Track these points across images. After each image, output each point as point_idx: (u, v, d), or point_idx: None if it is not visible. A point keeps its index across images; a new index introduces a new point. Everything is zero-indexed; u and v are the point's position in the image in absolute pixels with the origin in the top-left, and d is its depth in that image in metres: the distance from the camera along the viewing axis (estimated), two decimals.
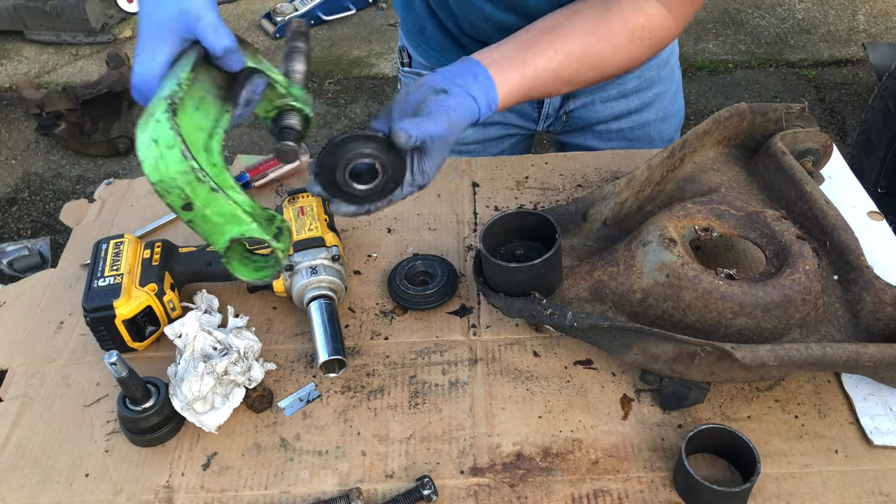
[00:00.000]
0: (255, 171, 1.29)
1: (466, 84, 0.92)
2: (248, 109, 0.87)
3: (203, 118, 0.79)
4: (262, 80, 0.85)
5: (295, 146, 0.86)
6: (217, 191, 0.73)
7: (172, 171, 0.72)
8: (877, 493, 0.86)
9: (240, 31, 4.04)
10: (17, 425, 0.98)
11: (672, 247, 0.94)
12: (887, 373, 0.90)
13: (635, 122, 1.40)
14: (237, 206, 0.75)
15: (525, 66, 0.96)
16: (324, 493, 0.89)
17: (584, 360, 1.02)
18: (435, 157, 0.90)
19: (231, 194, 0.75)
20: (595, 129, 1.42)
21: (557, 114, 1.40)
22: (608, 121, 1.40)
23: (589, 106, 1.38)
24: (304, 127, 0.90)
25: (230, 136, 3.40)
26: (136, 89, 0.80)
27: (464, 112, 0.91)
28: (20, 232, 3.02)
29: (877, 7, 3.98)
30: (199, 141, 0.77)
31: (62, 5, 3.83)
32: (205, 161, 0.75)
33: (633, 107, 1.38)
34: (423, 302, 1.08)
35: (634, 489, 0.88)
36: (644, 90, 1.37)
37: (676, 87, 1.44)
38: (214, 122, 0.79)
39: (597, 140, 1.42)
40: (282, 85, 0.88)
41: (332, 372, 1.01)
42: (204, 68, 0.82)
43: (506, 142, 1.47)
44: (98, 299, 1.00)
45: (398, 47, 1.44)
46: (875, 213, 1.19)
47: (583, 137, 1.44)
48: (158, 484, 0.91)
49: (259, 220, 0.77)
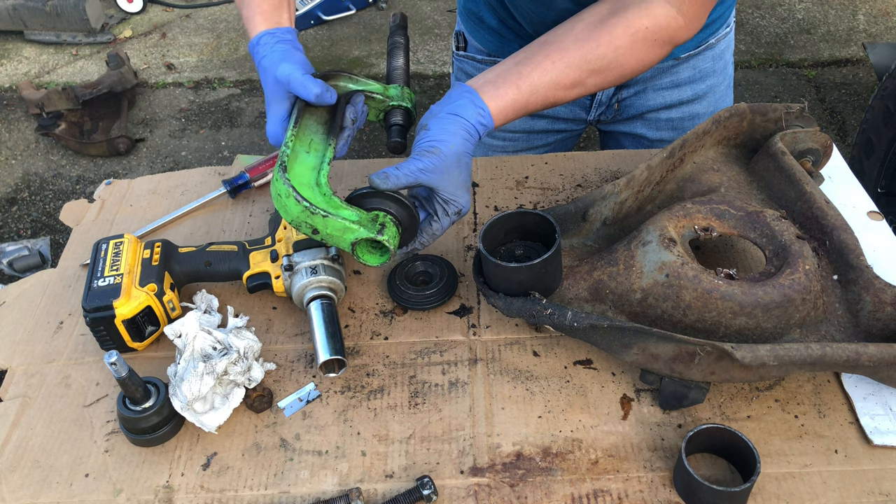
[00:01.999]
0: (255, 170, 1.29)
1: (455, 109, 0.98)
2: (359, 123, 1.05)
3: (313, 158, 0.98)
4: (359, 99, 1.05)
5: (402, 140, 1.06)
6: (328, 215, 0.92)
7: (294, 213, 0.92)
8: (877, 493, 0.86)
9: (240, 30, 4.05)
10: (16, 425, 0.98)
11: (672, 246, 0.94)
12: (887, 372, 0.90)
13: (685, 112, 1.41)
14: (346, 221, 0.93)
15: (520, 80, 1.01)
16: (324, 493, 0.89)
17: (583, 359, 1.02)
18: (446, 185, 0.97)
19: (340, 213, 0.93)
20: (645, 118, 1.43)
21: (610, 101, 1.42)
22: (659, 109, 1.41)
23: (641, 94, 1.40)
24: (408, 120, 1.08)
25: (230, 136, 3.40)
26: (270, 139, 1.04)
27: (452, 136, 0.96)
28: (20, 232, 3.02)
29: (877, 7, 3.98)
30: (312, 178, 0.96)
31: (62, 5, 3.83)
32: (316, 194, 0.94)
33: (686, 97, 1.39)
34: (423, 302, 1.08)
35: (634, 489, 0.88)
36: (697, 81, 1.38)
37: (728, 82, 1.45)
38: (321, 158, 0.99)
39: (646, 128, 1.43)
40: (378, 92, 1.07)
41: (331, 372, 1.01)
42: (309, 112, 1.03)
43: (552, 137, 1.50)
44: (98, 299, 1.00)
45: (454, 32, 1.48)
46: (875, 213, 1.19)
47: (632, 125, 1.45)
48: (158, 484, 0.91)
49: (365, 224, 0.94)
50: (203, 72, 3.79)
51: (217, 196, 1.28)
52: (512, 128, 1.46)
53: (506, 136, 1.49)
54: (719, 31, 1.35)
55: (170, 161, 3.30)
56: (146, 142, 3.41)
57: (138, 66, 3.80)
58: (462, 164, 0.98)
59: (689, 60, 1.35)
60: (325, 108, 1.05)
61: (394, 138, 1.06)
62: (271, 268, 1.08)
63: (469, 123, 0.98)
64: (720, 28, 1.35)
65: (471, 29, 1.41)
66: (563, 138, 1.51)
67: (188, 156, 3.33)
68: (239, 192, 1.29)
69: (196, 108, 3.58)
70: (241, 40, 3.99)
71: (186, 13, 4.21)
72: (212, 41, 4.00)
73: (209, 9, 4.23)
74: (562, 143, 1.53)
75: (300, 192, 0.92)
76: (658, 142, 1.44)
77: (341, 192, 1.30)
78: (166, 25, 4.13)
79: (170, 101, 3.63)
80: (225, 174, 1.34)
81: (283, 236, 1.10)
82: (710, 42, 1.35)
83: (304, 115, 1.02)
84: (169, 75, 3.77)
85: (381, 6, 4.21)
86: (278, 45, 1.03)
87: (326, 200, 0.94)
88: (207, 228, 1.25)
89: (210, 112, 3.55)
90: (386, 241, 0.93)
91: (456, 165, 0.97)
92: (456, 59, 1.49)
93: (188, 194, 1.32)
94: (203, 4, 4.24)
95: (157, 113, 3.57)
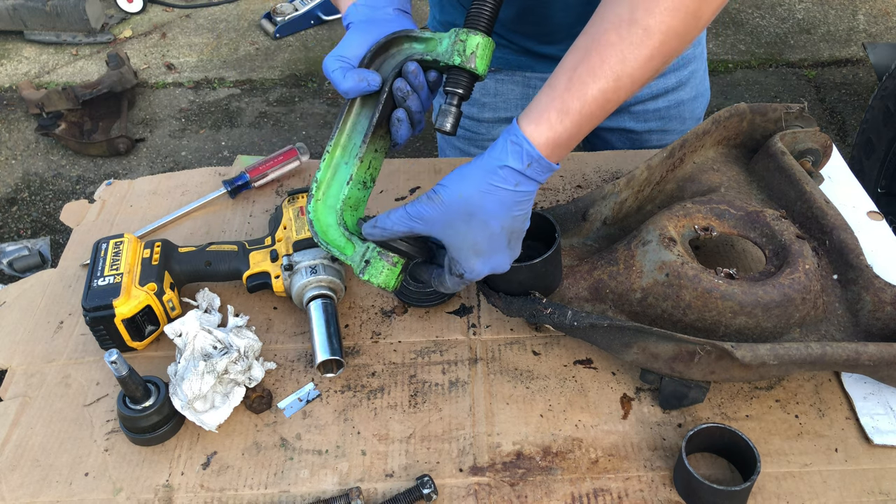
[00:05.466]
0: (255, 171, 1.29)
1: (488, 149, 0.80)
2: (423, 94, 0.86)
3: (344, 172, 0.90)
4: (411, 66, 0.85)
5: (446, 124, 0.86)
6: (329, 246, 0.90)
7: None
8: (876, 493, 0.86)
9: (240, 30, 4.05)
10: (16, 425, 0.98)
11: (672, 246, 0.94)
12: (887, 372, 0.90)
13: (671, 100, 1.41)
14: (341, 254, 0.90)
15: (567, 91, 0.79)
16: (324, 493, 0.89)
17: (584, 359, 1.02)
18: (451, 240, 0.81)
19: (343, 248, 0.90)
20: (632, 111, 1.42)
21: None
22: (646, 100, 1.40)
23: None
24: (462, 85, 0.85)
25: (230, 136, 3.40)
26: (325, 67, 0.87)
27: (463, 182, 0.78)
28: (20, 232, 3.02)
29: (877, 7, 3.98)
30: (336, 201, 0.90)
31: (62, 5, 3.83)
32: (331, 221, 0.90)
33: (671, 85, 1.39)
34: (424, 300, 1.08)
35: (634, 488, 0.88)
36: (680, 68, 1.38)
37: (705, 67, 1.45)
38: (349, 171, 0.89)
39: (633, 121, 1.43)
40: (425, 52, 0.85)
41: (330, 372, 1.01)
42: (362, 102, 0.90)
43: None
44: (98, 299, 1.00)
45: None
46: (875, 212, 1.19)
47: (620, 120, 1.44)
48: (158, 483, 0.91)
49: (355, 259, 0.89)
50: (203, 72, 3.78)
51: (217, 196, 1.28)
52: None
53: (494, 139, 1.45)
54: None
55: (170, 161, 3.30)
56: (146, 142, 3.41)
57: (138, 66, 3.80)
58: (475, 220, 0.78)
59: None
60: (375, 94, 0.88)
61: (438, 122, 0.84)
62: (271, 267, 1.08)
63: (498, 163, 0.77)
64: None
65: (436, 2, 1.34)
66: None
67: (188, 156, 3.33)
68: (239, 192, 1.29)
69: (196, 108, 3.58)
70: (241, 40, 3.99)
71: (186, 13, 4.21)
72: (212, 41, 4.00)
73: (209, 9, 4.23)
74: None
75: (316, 221, 0.89)
76: (646, 133, 1.43)
77: None
78: (166, 25, 4.13)
79: (170, 101, 3.63)
80: (225, 174, 1.34)
81: (283, 236, 1.10)
82: None
83: (352, 109, 0.90)
84: (169, 75, 3.77)
85: None
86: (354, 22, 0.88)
87: (337, 232, 0.89)
88: (207, 228, 1.25)
89: (210, 112, 3.55)
90: (366, 279, 0.87)
91: (464, 219, 0.78)
92: None
93: (188, 194, 1.32)
94: (203, 4, 4.24)
95: (157, 113, 3.57)
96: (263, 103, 3.58)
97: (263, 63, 3.83)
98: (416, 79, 0.85)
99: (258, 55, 3.88)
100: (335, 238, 0.89)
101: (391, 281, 0.87)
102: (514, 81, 1.35)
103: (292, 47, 3.92)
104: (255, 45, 3.95)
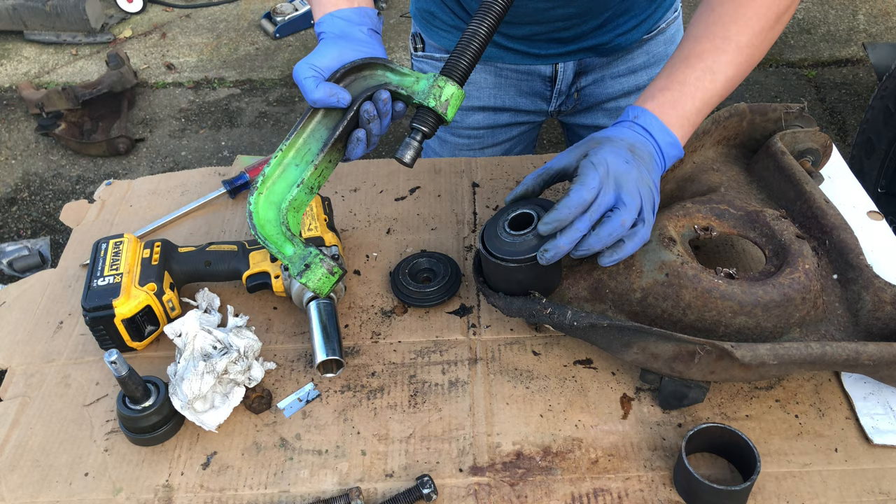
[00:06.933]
0: (254, 171, 1.29)
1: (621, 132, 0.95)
2: (385, 120, 0.93)
3: (294, 174, 0.93)
4: (383, 94, 0.91)
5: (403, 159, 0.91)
6: (267, 244, 0.92)
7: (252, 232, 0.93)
8: (876, 493, 0.86)
9: (240, 30, 4.05)
10: (16, 425, 0.98)
11: (671, 246, 0.94)
12: (887, 371, 0.90)
13: None
14: (281, 254, 0.92)
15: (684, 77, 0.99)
16: (323, 493, 0.89)
17: (583, 359, 1.02)
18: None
19: (281, 247, 0.92)
20: (605, 108, 1.43)
21: (569, 91, 1.42)
22: (618, 97, 1.42)
23: (600, 82, 1.40)
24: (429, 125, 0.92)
25: (230, 136, 3.40)
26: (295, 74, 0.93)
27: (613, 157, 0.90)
28: (20, 232, 3.02)
29: (877, 7, 3.98)
30: (281, 199, 0.93)
31: (62, 5, 3.83)
32: (272, 218, 0.92)
33: (642, 82, 1.40)
34: (424, 299, 1.08)
35: (634, 488, 0.88)
36: (652, 66, 1.39)
37: None
38: (300, 174, 0.93)
39: (607, 118, 1.44)
40: (404, 86, 0.92)
41: (329, 372, 1.01)
42: (324, 113, 0.94)
43: (515, 130, 1.49)
44: (97, 299, 1.00)
45: (411, 34, 1.47)
46: (875, 212, 1.19)
47: (593, 117, 1.45)
48: (158, 483, 0.91)
49: (294, 262, 0.91)
50: (203, 72, 3.79)
51: (217, 196, 1.28)
52: (475, 124, 1.46)
53: (470, 134, 1.48)
54: (667, 16, 1.38)
55: (170, 161, 3.30)
56: (146, 142, 3.41)
57: (138, 66, 3.80)
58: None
59: (643, 45, 1.37)
60: (340, 110, 0.94)
61: (399, 153, 0.91)
62: (271, 267, 1.08)
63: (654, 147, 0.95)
64: (667, 12, 1.37)
65: (425, 28, 1.41)
66: (526, 130, 1.52)
67: (188, 156, 3.33)
68: (239, 192, 1.29)
69: (196, 108, 3.58)
70: (240, 40, 3.99)
71: (186, 13, 4.21)
72: (212, 41, 4.00)
73: (209, 9, 4.23)
74: (525, 135, 1.53)
75: (255, 214, 0.91)
76: None
77: (341, 191, 1.30)
78: (166, 25, 4.13)
79: (170, 101, 3.63)
80: (225, 174, 1.34)
81: None
82: (660, 26, 1.37)
83: (313, 117, 0.94)
84: (169, 75, 3.77)
85: (381, 6, 4.20)
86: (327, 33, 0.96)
87: (276, 229, 0.91)
88: (207, 228, 1.25)
89: (210, 112, 3.55)
90: (303, 282, 0.90)
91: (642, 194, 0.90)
92: (415, 61, 1.48)
93: (188, 194, 1.32)
94: (203, 4, 4.24)
95: (157, 113, 3.57)
96: (263, 103, 3.58)
97: (263, 63, 3.83)
98: (384, 106, 0.91)
99: (258, 55, 3.88)
100: (272, 234, 0.91)
101: (325, 288, 0.91)
102: (487, 71, 1.39)
103: (292, 47, 3.92)
104: (254, 45, 3.95)
